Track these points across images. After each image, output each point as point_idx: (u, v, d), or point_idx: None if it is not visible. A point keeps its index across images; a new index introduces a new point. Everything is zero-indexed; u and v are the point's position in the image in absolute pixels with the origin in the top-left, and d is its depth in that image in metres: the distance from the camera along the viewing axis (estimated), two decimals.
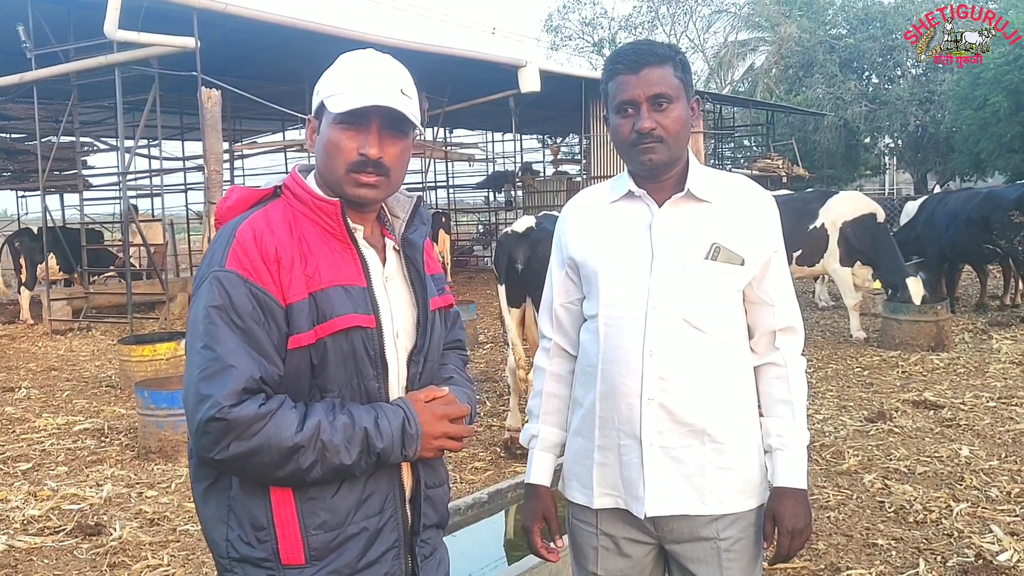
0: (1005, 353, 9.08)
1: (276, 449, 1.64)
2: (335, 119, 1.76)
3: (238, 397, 1.63)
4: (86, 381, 9.17)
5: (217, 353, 1.64)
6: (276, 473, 1.67)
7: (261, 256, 1.69)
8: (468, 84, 15.06)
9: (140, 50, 11.04)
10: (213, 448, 1.64)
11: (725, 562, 2.09)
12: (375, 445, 1.72)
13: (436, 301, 1.95)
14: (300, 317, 1.71)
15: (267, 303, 1.69)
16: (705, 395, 2.06)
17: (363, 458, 1.71)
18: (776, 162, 23.28)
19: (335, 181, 1.79)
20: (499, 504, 4.26)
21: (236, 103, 13.75)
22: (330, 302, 1.74)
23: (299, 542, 1.72)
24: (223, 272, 1.68)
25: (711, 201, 2.09)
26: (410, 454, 1.78)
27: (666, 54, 2.05)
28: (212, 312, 1.66)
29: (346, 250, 1.80)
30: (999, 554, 4.23)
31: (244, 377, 1.64)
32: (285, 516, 1.72)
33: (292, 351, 1.72)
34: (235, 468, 1.68)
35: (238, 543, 1.73)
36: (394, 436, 1.74)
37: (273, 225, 1.75)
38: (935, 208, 12.02)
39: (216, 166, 11.21)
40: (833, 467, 5.62)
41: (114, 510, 5.24)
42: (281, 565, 1.72)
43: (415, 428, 1.77)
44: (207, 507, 1.78)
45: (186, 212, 19.09)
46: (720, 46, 36.00)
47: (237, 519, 1.74)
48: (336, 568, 1.75)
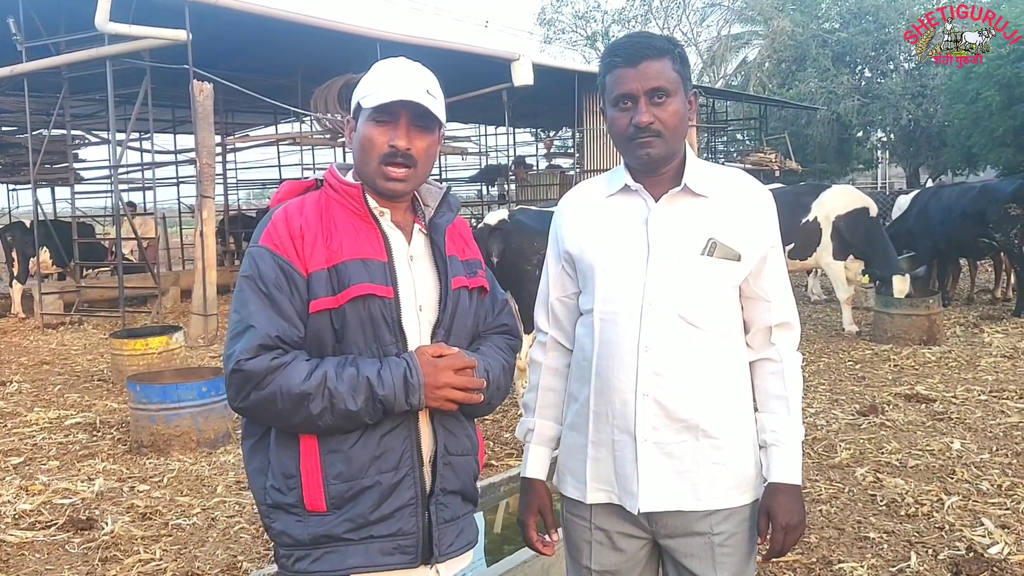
0: (996, 347, 9.11)
1: (287, 396, 1.86)
2: (368, 116, 2.00)
3: (255, 352, 1.87)
4: (78, 375, 9.15)
5: (242, 316, 1.91)
6: (291, 419, 1.88)
7: (289, 233, 1.94)
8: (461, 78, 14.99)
9: (131, 43, 10.99)
10: (236, 398, 1.91)
11: (719, 557, 2.09)
12: (377, 392, 1.88)
13: (461, 280, 2.09)
14: (319, 284, 1.93)
15: (290, 272, 1.92)
16: (700, 391, 2.06)
17: (368, 405, 1.88)
18: (769, 156, 23.28)
19: (369, 175, 2.02)
20: (493, 498, 4.26)
21: (228, 96, 13.65)
22: (348, 272, 1.94)
23: (320, 490, 1.93)
24: (256, 248, 1.96)
25: (708, 196, 2.08)
26: (415, 402, 1.92)
27: (665, 47, 2.05)
28: (243, 282, 1.95)
29: (370, 229, 2.01)
30: (990, 547, 4.24)
31: (261, 335, 1.88)
32: (310, 466, 1.93)
33: (313, 314, 1.94)
34: (258, 415, 1.94)
35: (272, 491, 1.97)
36: (395, 385, 1.89)
37: (305, 209, 2.00)
38: (928, 202, 12.04)
39: (208, 159, 11.19)
40: (825, 461, 5.64)
41: (106, 504, 5.23)
42: (306, 511, 1.94)
43: (416, 378, 1.90)
44: (253, 460, 2.03)
45: (178, 206, 19.03)
46: (713, 40, 35.96)
47: (273, 470, 1.97)
48: (351, 517, 1.94)
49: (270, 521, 2.00)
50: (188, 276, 13.67)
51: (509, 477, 4.33)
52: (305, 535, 1.94)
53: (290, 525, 1.96)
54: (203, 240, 10.96)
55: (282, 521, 1.97)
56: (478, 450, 2.19)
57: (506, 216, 6.08)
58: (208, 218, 11.17)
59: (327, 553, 1.94)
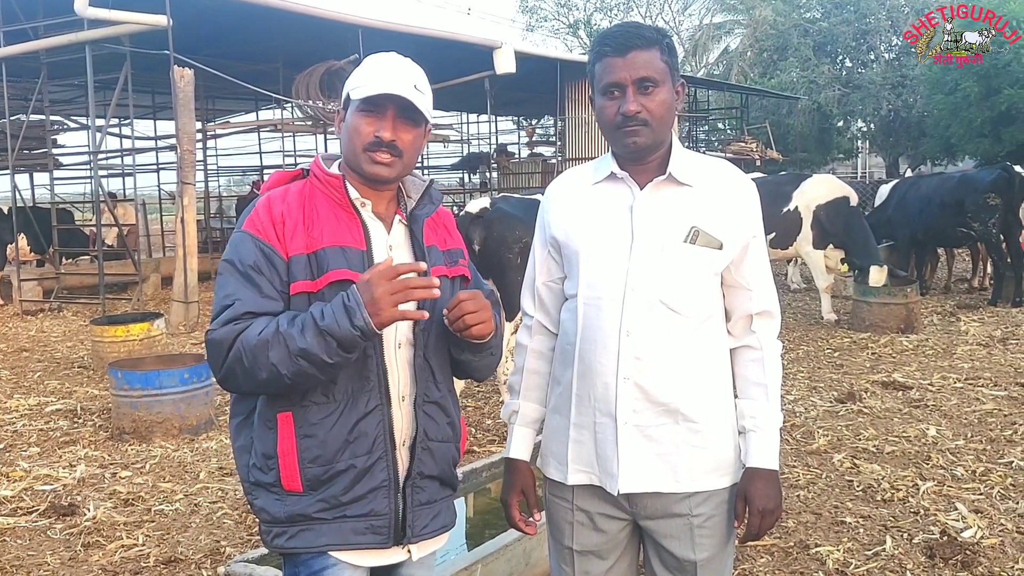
0: (972, 335, 9.21)
1: (248, 351, 1.92)
2: (357, 107, 2.05)
3: (223, 323, 1.96)
4: (58, 362, 9.11)
5: (221, 296, 2.00)
6: (259, 375, 1.93)
7: (270, 219, 2.02)
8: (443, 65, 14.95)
9: (111, 28, 10.91)
10: (216, 369, 2.00)
11: (697, 538, 2.13)
12: (320, 324, 1.89)
13: (441, 270, 2.14)
14: (299, 268, 2.00)
15: (270, 255, 2.00)
16: (680, 375, 2.09)
17: (318, 340, 1.88)
18: (750, 145, 23.36)
19: (354, 160, 2.07)
20: (474, 483, 4.30)
21: (209, 82, 13.60)
22: (327, 259, 2.00)
23: (296, 472, 2.01)
24: (238, 234, 2.04)
25: (692, 185, 2.12)
26: (360, 324, 1.88)
27: (653, 37, 2.07)
28: (223, 266, 2.04)
29: (351, 219, 2.07)
30: (963, 531, 4.32)
31: (235, 311, 1.96)
32: (286, 448, 2.01)
33: (294, 296, 2.01)
34: (236, 382, 1.98)
35: (254, 470, 2.06)
36: (335, 312, 1.90)
37: (288, 196, 2.07)
38: (907, 192, 12.13)
39: (189, 146, 11.13)
40: (803, 447, 5.70)
41: (88, 491, 5.23)
42: (284, 490, 2.03)
43: (353, 299, 1.89)
44: (239, 438, 2.13)
45: (158, 192, 18.92)
46: (695, 29, 36.01)
47: (255, 449, 2.06)
48: (324, 498, 2.02)
49: (252, 498, 2.10)
50: (168, 263, 13.61)
51: (491, 463, 4.37)
52: (282, 513, 2.03)
53: (269, 503, 2.05)
54: (184, 227, 10.91)
55: (263, 498, 2.06)
56: (460, 437, 2.24)
57: (488, 204, 6.09)
58: (189, 205, 11.11)
59: (302, 531, 2.03)
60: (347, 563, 2.05)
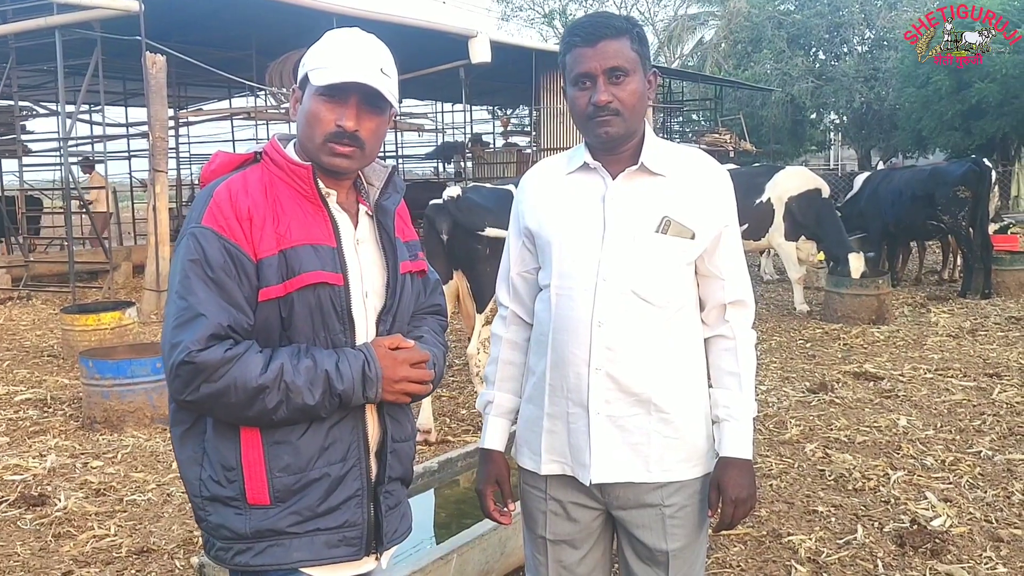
0: (943, 326, 9.31)
1: (242, 389, 1.76)
2: (317, 91, 1.87)
3: (206, 343, 1.75)
4: (27, 351, 9.00)
5: (189, 303, 1.77)
6: (244, 413, 1.79)
7: (235, 214, 1.82)
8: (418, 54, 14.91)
9: (81, 12, 10.79)
10: (184, 390, 1.77)
11: (670, 528, 2.13)
12: (336, 387, 1.82)
13: (407, 265, 2.05)
14: (270, 271, 1.83)
15: (238, 257, 1.80)
16: (652, 366, 2.09)
17: (326, 399, 1.82)
18: (724, 137, 23.44)
19: (313, 150, 1.90)
20: (449, 473, 4.30)
21: (182, 69, 13.47)
22: (298, 259, 1.85)
23: (264, 483, 1.85)
24: (199, 228, 1.81)
25: (664, 175, 2.11)
26: (371, 396, 1.87)
27: (623, 27, 2.06)
28: (188, 265, 1.79)
29: (318, 212, 1.91)
30: (933, 519, 4.37)
31: (212, 324, 1.76)
32: (252, 458, 1.85)
33: (263, 303, 1.84)
34: (206, 408, 1.82)
35: (209, 482, 1.87)
36: (354, 378, 1.83)
37: (249, 187, 1.87)
38: (879, 184, 12.22)
39: (161, 133, 11.02)
40: (776, 437, 5.74)
41: (58, 480, 5.18)
42: (248, 504, 1.85)
43: (375, 371, 1.85)
44: (184, 449, 1.92)
45: (130, 180, 18.74)
46: (670, 20, 36.05)
47: (210, 460, 1.87)
48: (297, 510, 1.87)
49: (205, 514, 1.89)
50: (140, 251, 13.49)
51: (466, 453, 4.37)
52: (247, 528, 1.86)
53: (229, 518, 1.86)
54: (156, 215, 10.81)
55: (220, 514, 1.87)
56: (416, 434, 2.19)
57: (458, 194, 6.04)
58: (161, 192, 11.01)
59: (271, 546, 1.87)
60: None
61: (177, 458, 1.95)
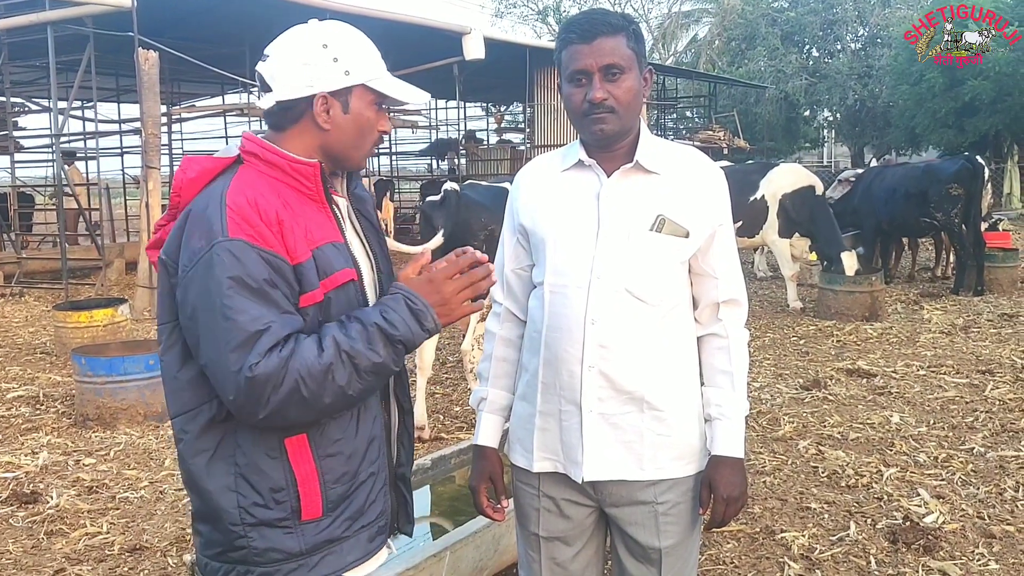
0: (935, 323, 9.32)
1: (310, 378, 1.68)
2: (372, 101, 1.88)
3: (263, 356, 1.66)
4: (19, 348, 8.97)
5: (241, 322, 1.67)
6: (322, 402, 1.71)
7: (263, 220, 1.72)
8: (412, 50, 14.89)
9: (74, 8, 10.74)
10: (257, 409, 1.68)
11: (662, 526, 2.14)
12: (393, 334, 1.75)
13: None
14: (309, 275, 1.76)
15: (278, 265, 1.72)
16: (645, 364, 2.09)
17: (390, 351, 1.75)
18: (718, 134, 23.48)
19: (359, 155, 1.92)
20: (443, 470, 4.30)
21: (174, 65, 13.41)
22: (327, 259, 1.80)
23: (319, 497, 1.80)
24: (229, 242, 1.69)
25: (659, 173, 2.11)
26: (431, 327, 1.80)
27: (619, 24, 2.06)
28: (228, 283, 1.67)
29: (322, 209, 1.86)
30: (925, 516, 4.38)
31: (273, 336, 1.68)
32: (305, 473, 1.78)
33: (304, 308, 1.77)
34: (284, 418, 1.71)
35: (253, 508, 1.77)
36: (405, 319, 1.77)
37: (263, 190, 1.78)
38: (872, 182, 12.23)
39: (154, 130, 10.99)
40: (769, 433, 5.75)
41: (51, 478, 5.17)
42: (299, 522, 1.79)
43: (420, 303, 1.79)
44: (213, 479, 1.78)
45: (122, 176, 18.67)
46: (664, 17, 36.10)
47: (250, 485, 1.77)
48: (350, 515, 1.85)
49: (247, 541, 1.78)
50: (133, 248, 13.45)
51: (460, 450, 4.37)
52: (301, 546, 1.80)
53: (278, 540, 1.79)
54: (148, 211, 10.78)
55: (267, 538, 1.78)
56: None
57: (455, 189, 6.04)
58: (154, 189, 10.98)
59: (325, 556, 1.82)
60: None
61: (201, 488, 1.80)
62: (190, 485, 1.83)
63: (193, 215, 1.75)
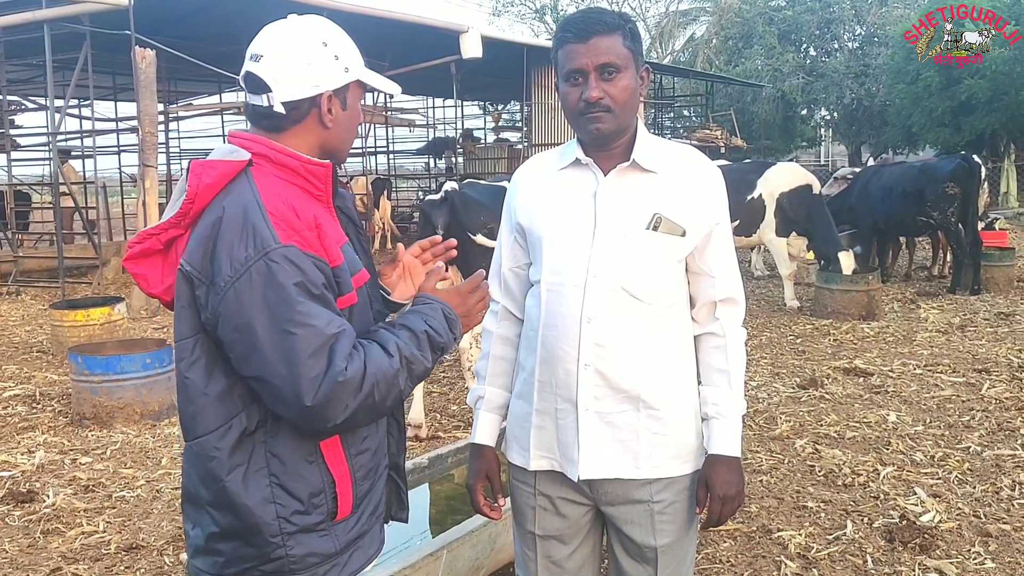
0: (932, 322, 9.33)
1: (384, 382, 1.71)
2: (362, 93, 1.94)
3: (348, 359, 1.67)
4: (16, 346, 8.96)
5: (316, 328, 1.65)
6: (383, 406, 1.75)
7: (305, 225, 1.72)
8: (409, 49, 14.91)
9: (70, 6, 10.73)
10: (336, 414, 1.67)
11: (658, 524, 2.14)
12: (438, 341, 1.83)
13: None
14: (345, 277, 1.78)
15: (325, 270, 1.72)
16: (641, 362, 2.09)
17: (434, 357, 1.84)
18: (715, 132, 23.51)
19: (348, 149, 1.95)
20: (440, 469, 4.29)
21: (171, 64, 13.42)
22: (352, 259, 1.85)
23: (351, 495, 1.82)
24: (284, 248, 1.66)
25: (656, 171, 2.11)
26: (458, 335, 1.91)
27: (615, 23, 2.06)
28: (294, 291, 1.65)
29: (329, 210, 1.87)
30: (922, 515, 4.38)
31: (350, 339, 1.70)
32: (341, 473, 1.80)
33: (342, 311, 1.76)
34: (354, 423, 1.73)
35: (294, 517, 1.75)
36: (446, 327, 1.87)
37: (289, 193, 1.76)
38: (869, 181, 12.24)
39: (151, 128, 10.98)
40: (766, 432, 5.75)
41: (47, 477, 5.16)
42: (332, 523, 1.80)
43: (453, 313, 1.90)
44: (252, 493, 1.73)
45: (119, 175, 18.66)
46: (661, 16, 36.13)
47: (288, 494, 1.75)
48: (371, 509, 1.90)
49: (286, 549, 1.75)
50: None
51: (457, 448, 4.37)
52: (336, 547, 1.81)
53: (315, 544, 1.78)
54: (145, 210, 10.77)
55: (304, 544, 1.76)
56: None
57: (454, 187, 6.05)
58: (151, 187, 10.96)
59: (355, 552, 1.85)
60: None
61: (238, 503, 1.73)
62: (223, 504, 1.75)
63: (227, 222, 1.68)
